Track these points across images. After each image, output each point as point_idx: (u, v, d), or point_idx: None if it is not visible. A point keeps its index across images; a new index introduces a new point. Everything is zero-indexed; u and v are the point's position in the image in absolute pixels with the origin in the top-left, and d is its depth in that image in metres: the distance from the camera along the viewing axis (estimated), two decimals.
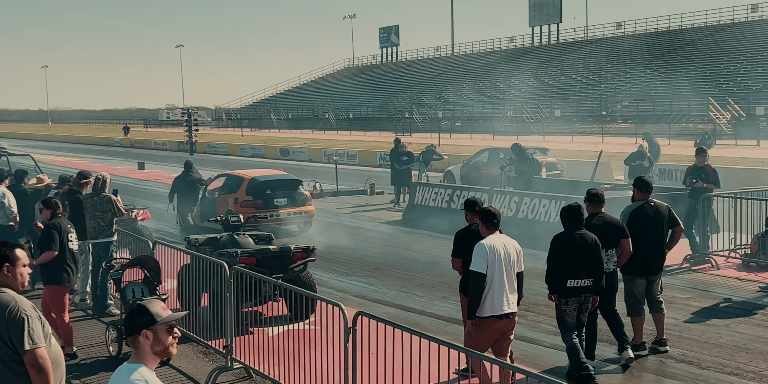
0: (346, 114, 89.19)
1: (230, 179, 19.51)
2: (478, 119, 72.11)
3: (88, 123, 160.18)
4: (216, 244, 11.36)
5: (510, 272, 7.23)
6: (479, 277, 7.10)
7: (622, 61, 74.22)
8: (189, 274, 10.14)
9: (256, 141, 63.59)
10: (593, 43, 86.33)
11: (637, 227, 8.87)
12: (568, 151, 38.39)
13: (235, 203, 18.35)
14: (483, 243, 7.21)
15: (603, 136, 51.97)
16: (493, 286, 7.15)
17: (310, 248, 10.83)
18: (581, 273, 7.93)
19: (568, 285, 7.92)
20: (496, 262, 7.14)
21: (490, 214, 7.37)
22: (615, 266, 8.60)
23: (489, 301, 7.16)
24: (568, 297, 7.95)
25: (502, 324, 7.21)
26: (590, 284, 7.97)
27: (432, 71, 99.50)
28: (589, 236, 8.03)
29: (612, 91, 67.11)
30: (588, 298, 8.03)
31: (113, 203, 11.45)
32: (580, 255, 7.93)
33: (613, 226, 8.55)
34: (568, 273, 7.92)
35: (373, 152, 43.17)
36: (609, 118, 61.60)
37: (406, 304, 11.69)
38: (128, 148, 68.13)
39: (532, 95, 71.86)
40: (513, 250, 7.28)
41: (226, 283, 8.63)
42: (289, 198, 18.42)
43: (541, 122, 62.52)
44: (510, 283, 7.23)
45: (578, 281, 7.92)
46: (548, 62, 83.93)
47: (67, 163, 43.76)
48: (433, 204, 20.35)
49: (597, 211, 8.66)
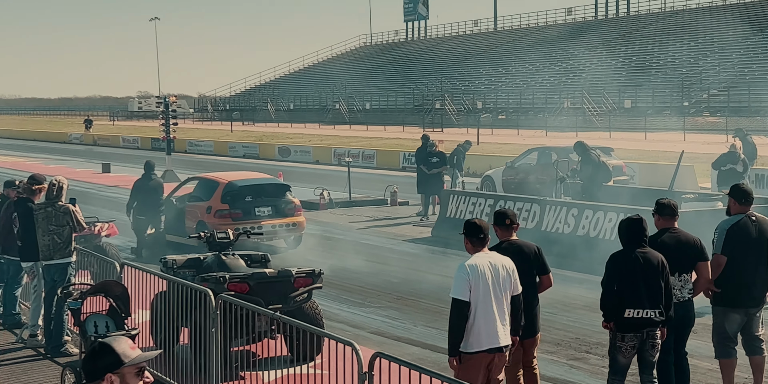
0: (361, 104, 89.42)
1: (202, 184, 19.63)
2: (527, 111, 72.04)
3: (40, 114, 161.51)
4: (199, 267, 11.41)
5: (500, 297, 7.36)
6: (460, 306, 7.22)
7: (709, 39, 73.97)
8: (165, 304, 10.18)
9: (249, 138, 63.89)
10: (673, 15, 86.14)
11: (735, 248, 8.82)
12: (640, 152, 38.27)
13: (207, 213, 18.52)
14: (464, 264, 7.33)
15: (685, 132, 51.77)
16: (478, 315, 7.26)
17: (316, 272, 10.85)
18: (643, 302, 7.91)
19: (626, 315, 7.92)
20: (481, 287, 7.26)
21: (476, 228, 7.49)
22: (690, 295, 8.58)
23: (475, 333, 7.28)
24: (626, 332, 7.96)
25: (492, 359, 7.35)
26: (655, 316, 7.94)
27: (469, 51, 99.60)
28: (655, 256, 8.02)
29: (696, 76, 66.85)
30: (652, 333, 8.00)
31: (71, 215, 11.51)
32: (644, 279, 7.91)
33: (688, 246, 8.54)
34: (627, 301, 7.93)
35: (394, 152, 43.24)
36: (693, 111, 61.35)
37: (434, 343, 11.67)
38: (90, 145, 68.65)
39: (596, 81, 71.65)
40: (503, 270, 7.42)
41: (211, 316, 8.67)
42: (273, 207, 18.66)
43: (607, 115, 62.34)
44: (500, 310, 7.37)
45: (639, 311, 7.91)
46: (615, 40, 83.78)
47: (14, 165, 44.15)
48: (470, 217, 20.31)
49: (669, 225, 8.64)
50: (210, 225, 18.13)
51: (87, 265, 12.35)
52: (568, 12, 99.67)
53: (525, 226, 18.44)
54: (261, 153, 51.77)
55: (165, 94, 36.82)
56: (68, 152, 59.56)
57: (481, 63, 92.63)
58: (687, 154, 23.61)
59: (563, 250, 16.32)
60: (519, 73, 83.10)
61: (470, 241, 7.52)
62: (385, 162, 42.27)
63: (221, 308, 8.74)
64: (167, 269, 11.38)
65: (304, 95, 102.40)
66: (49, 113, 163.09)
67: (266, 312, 8.46)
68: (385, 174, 37.49)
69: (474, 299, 7.24)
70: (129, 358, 3.70)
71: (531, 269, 8.24)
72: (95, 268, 12.17)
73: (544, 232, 17.90)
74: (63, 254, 11.51)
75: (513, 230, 8.31)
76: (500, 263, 7.45)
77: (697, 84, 65.51)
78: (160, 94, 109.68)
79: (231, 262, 11.33)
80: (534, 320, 8.28)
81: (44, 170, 35.01)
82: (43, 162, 48.40)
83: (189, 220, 19.08)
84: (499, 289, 7.36)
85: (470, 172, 35.12)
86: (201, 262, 11.54)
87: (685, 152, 22.38)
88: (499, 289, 7.36)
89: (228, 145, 55.91)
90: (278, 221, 18.54)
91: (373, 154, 44.00)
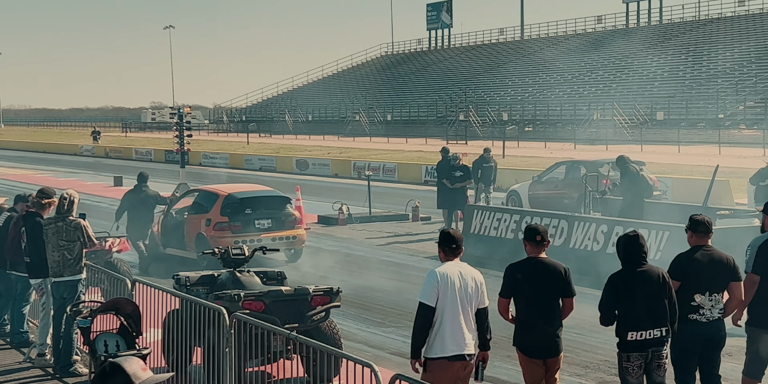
0: (382, 115, 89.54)
1: (202, 196, 19.99)
2: (554, 123, 71.95)
3: (51, 126, 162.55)
4: (213, 284, 11.43)
5: (466, 306, 7.78)
6: (427, 310, 7.70)
7: (745, 49, 73.71)
8: (177, 323, 10.20)
9: (265, 150, 64.05)
10: (707, 24, 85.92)
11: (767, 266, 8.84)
12: (673, 166, 38.11)
13: (207, 225, 18.85)
14: (435, 271, 7.83)
15: (720, 145, 51.52)
16: (444, 322, 7.69)
17: (334, 290, 10.85)
18: (644, 322, 8.00)
19: (629, 338, 8.03)
20: (449, 294, 7.70)
21: (449, 238, 7.99)
22: (720, 314, 8.56)
23: (439, 339, 7.71)
24: (630, 351, 8.04)
25: (456, 367, 7.72)
26: (660, 335, 8.04)
27: (494, 60, 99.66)
28: (655, 272, 8.10)
29: (732, 87, 66.60)
30: (657, 353, 8.07)
31: (82, 230, 11.54)
32: (644, 299, 8.00)
33: (722, 265, 8.55)
34: (628, 323, 8.03)
35: (416, 165, 43.25)
36: (728, 123, 61.07)
37: None
38: (102, 158, 69.01)
39: (627, 92, 71.47)
40: (471, 281, 7.82)
41: (225, 335, 8.68)
42: (273, 219, 19.06)
43: (638, 127, 62.15)
44: (467, 319, 7.79)
45: (642, 333, 8.00)
46: (647, 49, 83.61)
47: (23, 178, 44.43)
48: (495, 233, 20.31)
49: (702, 243, 8.65)
50: (209, 237, 18.53)
51: (97, 282, 12.39)
52: (598, 20, 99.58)
53: (552, 244, 18.30)
54: (278, 166, 51.88)
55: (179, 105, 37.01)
56: (79, 165, 59.88)
57: (507, 73, 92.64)
58: (722, 168, 23.50)
59: (592, 268, 16.26)
60: (546, 83, 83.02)
61: (443, 250, 8.00)
62: (406, 176, 42.27)
63: (235, 327, 8.75)
64: (180, 286, 11.40)
65: (322, 106, 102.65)
66: (60, 124, 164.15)
67: (282, 331, 8.47)
68: (406, 188, 37.49)
69: (441, 306, 7.69)
70: (140, 380, 3.71)
71: (555, 289, 8.28)
72: (106, 285, 12.21)
73: (572, 249, 17.85)
74: (73, 271, 11.51)
75: (543, 247, 8.36)
76: (470, 275, 7.87)
77: (732, 95, 65.24)
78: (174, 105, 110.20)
79: (246, 280, 11.34)
80: (557, 340, 8.30)
81: (54, 183, 35.21)
82: (53, 175, 48.68)
83: (188, 232, 19.38)
84: (466, 299, 7.78)
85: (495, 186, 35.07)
86: (215, 279, 11.56)
87: (720, 166, 22.27)
88: (466, 299, 7.78)
89: (244, 158, 56.06)
90: (278, 234, 18.94)
91: (394, 167, 44.01)
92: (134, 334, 9.51)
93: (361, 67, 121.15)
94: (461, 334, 7.72)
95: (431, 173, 38.53)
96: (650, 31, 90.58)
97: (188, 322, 9.77)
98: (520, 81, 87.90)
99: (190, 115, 34.16)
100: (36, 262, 11.79)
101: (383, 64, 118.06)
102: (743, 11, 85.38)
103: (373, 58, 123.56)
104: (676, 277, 8.35)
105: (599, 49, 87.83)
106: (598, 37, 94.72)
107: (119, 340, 9.49)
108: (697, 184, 27.01)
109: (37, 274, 11.85)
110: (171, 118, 33.95)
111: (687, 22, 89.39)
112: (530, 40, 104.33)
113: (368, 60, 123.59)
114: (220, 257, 11.65)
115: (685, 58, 77.23)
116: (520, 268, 8.27)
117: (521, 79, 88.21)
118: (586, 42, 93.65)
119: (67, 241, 11.49)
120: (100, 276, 12.20)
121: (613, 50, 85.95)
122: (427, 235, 23.64)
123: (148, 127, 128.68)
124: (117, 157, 68.50)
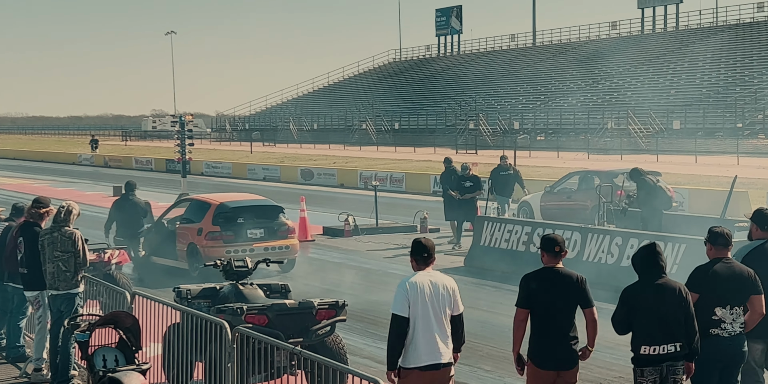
0: (389, 124, 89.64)
1: (194, 205, 20.47)
2: (567, 132, 71.94)
3: (49, 134, 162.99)
4: (215, 297, 11.43)
5: (439, 314, 8.06)
6: (400, 321, 7.99)
7: (765, 55, 73.68)
8: (178, 337, 10.21)
9: (269, 159, 64.14)
10: (725, 30, 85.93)
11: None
12: (690, 177, 38.08)
13: (199, 235, 19.25)
14: (405, 281, 8.11)
15: (738, 156, 51.48)
16: (417, 331, 7.98)
17: (339, 304, 10.85)
18: (657, 337, 8.04)
19: (642, 352, 8.09)
20: (419, 303, 7.99)
21: (421, 247, 8.27)
22: (741, 329, 8.58)
23: (413, 349, 8.00)
24: (644, 366, 8.09)
25: (429, 377, 8.01)
26: (674, 350, 8.06)
27: (505, 67, 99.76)
28: (673, 286, 8.14)
29: (751, 95, 66.58)
30: (673, 368, 8.08)
31: (75, 242, 11.42)
32: (658, 313, 8.04)
33: (742, 278, 8.59)
34: (641, 337, 8.09)
35: (425, 175, 43.25)
36: (747, 132, 61.05)
37: (465, 380, 11.64)
38: (101, 167, 69.14)
39: (642, 100, 71.46)
40: (443, 289, 8.12)
41: (227, 350, 8.68)
42: (266, 229, 19.57)
43: (654, 137, 62.14)
44: (440, 328, 8.06)
45: (655, 348, 8.04)
46: (663, 56, 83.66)
47: (19, 187, 44.51)
48: (506, 245, 20.28)
49: (722, 255, 8.69)
50: (201, 247, 19.00)
51: (96, 295, 12.40)
52: (613, 26, 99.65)
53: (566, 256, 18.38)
54: (282, 176, 51.93)
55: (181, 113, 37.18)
56: (77, 174, 60.00)
57: (518, 80, 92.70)
58: (741, 179, 23.48)
59: (606, 281, 16.23)
60: (559, 91, 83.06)
61: (415, 259, 8.30)
62: (414, 186, 42.27)
63: (238, 341, 8.74)
64: (181, 300, 11.40)
65: (328, 114, 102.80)
66: (58, 132, 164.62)
67: (286, 346, 8.47)
68: (414, 199, 37.50)
69: (413, 315, 7.98)
70: None
71: (571, 300, 8.31)
72: (104, 298, 12.22)
73: (585, 262, 17.82)
74: (69, 284, 11.39)
75: (560, 258, 8.43)
76: (441, 282, 8.16)
77: (751, 104, 65.22)
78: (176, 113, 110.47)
79: (249, 293, 11.34)
80: (572, 352, 8.33)
81: (52, 193, 35.30)
82: (51, 184, 48.80)
83: (180, 242, 19.80)
84: (438, 307, 8.06)
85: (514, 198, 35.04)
86: (217, 292, 11.57)
87: (738, 177, 22.27)
88: (439, 307, 8.06)
89: (247, 167, 56.13)
90: (270, 243, 19.46)
91: (401, 177, 44.02)
92: (134, 348, 9.52)
93: (368, 74, 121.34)
94: (435, 343, 8.00)
95: (440, 183, 38.54)
96: (666, 37, 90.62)
97: (189, 336, 9.78)
98: (532, 88, 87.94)
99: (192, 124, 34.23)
100: (32, 274, 11.76)
101: (391, 71, 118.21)
102: (762, 17, 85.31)
103: (381, 65, 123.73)
104: (694, 289, 8.36)
105: (614, 56, 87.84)
106: (613, 43, 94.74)
107: (118, 354, 9.50)
108: (715, 195, 26.96)
109: (33, 286, 11.82)
110: (172, 126, 34.03)
111: (704, 29, 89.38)
112: (542, 47, 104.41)
113: (375, 67, 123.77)
114: (222, 269, 11.66)
115: (702, 65, 77.22)
116: (535, 278, 8.34)
117: (533, 87, 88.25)
118: (600, 49, 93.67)
119: (62, 252, 11.38)
120: (99, 288, 12.21)
121: (627, 57, 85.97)
122: (436, 248, 23.56)
123: (149, 136, 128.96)
124: (117, 166, 68.63)
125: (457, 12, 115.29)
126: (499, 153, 61.12)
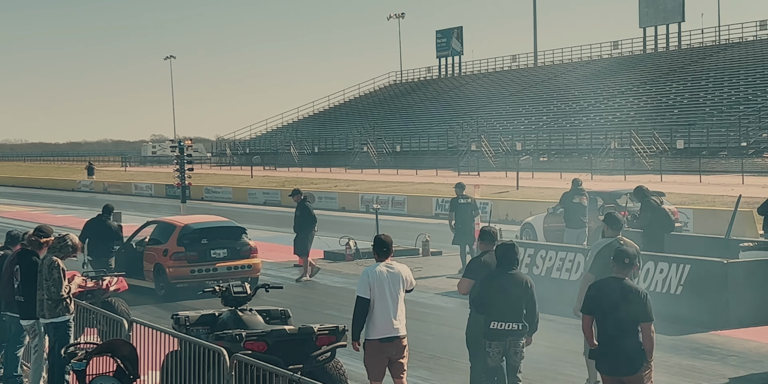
0: (391, 146, 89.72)
1: (160, 227, 21.61)
2: (570, 153, 71.97)
3: (47, 160, 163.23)
4: (213, 324, 11.42)
5: (395, 296, 10.24)
6: (362, 302, 10.17)
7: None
8: (177, 365, 10.18)
9: (270, 183, 64.19)
10: (728, 48, 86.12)
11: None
12: (694, 196, 38.07)
13: (164, 256, 20.25)
14: (367, 270, 10.33)
15: (743, 175, 51.48)
16: (376, 310, 10.13)
17: (339, 329, 10.84)
18: (506, 316, 10.30)
19: (491, 327, 10.35)
20: (377, 288, 10.14)
21: (382, 243, 10.49)
22: None
23: (372, 324, 10.17)
24: (492, 340, 10.38)
25: (386, 347, 10.16)
26: (517, 328, 10.32)
27: (507, 88, 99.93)
28: (521, 277, 10.48)
29: (755, 113, 66.64)
30: (515, 341, 10.38)
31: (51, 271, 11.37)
32: (507, 297, 10.28)
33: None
34: (493, 315, 10.34)
35: (427, 198, 43.27)
36: (751, 151, 61.05)
37: None
38: (100, 193, 69.17)
39: (645, 120, 71.53)
40: (398, 274, 10.33)
41: (226, 377, 8.65)
42: (228, 249, 20.56)
43: (658, 157, 62.15)
44: (395, 306, 10.23)
45: (502, 324, 10.32)
46: (666, 75, 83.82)
47: (18, 215, 44.54)
48: None
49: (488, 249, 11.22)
50: (167, 267, 20.00)
51: (93, 323, 12.37)
52: (614, 45, 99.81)
53: (569, 278, 18.36)
54: (283, 200, 51.83)
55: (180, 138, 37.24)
56: (76, 200, 59.98)
57: (520, 101, 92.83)
58: (746, 198, 23.45)
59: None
60: (561, 112, 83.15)
61: (376, 252, 10.49)
62: (416, 209, 42.27)
63: (236, 369, 8.73)
64: (179, 327, 11.40)
65: (329, 137, 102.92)
66: (57, 159, 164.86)
67: (285, 373, 8.45)
68: (416, 221, 37.45)
69: (373, 297, 10.14)
70: None
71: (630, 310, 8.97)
72: (102, 326, 12.19)
73: None
74: (53, 313, 11.41)
75: (629, 270, 9.30)
76: (397, 270, 10.41)
77: (755, 122, 65.27)
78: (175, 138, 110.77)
79: (248, 319, 11.34)
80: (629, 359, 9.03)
81: (50, 220, 35.34)
82: (50, 211, 48.82)
83: (147, 262, 20.75)
84: (394, 290, 10.27)
85: (508, 219, 35.07)
86: (216, 318, 11.56)
87: (743, 196, 22.25)
88: (395, 290, 10.27)
89: (248, 192, 56.17)
90: (233, 263, 20.45)
91: (403, 200, 44.03)
92: (131, 377, 9.51)
93: (369, 96, 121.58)
94: (389, 319, 10.16)
95: (442, 206, 38.51)
96: (669, 56, 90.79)
97: (188, 363, 9.76)
98: (534, 109, 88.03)
99: (192, 148, 34.29)
100: (28, 302, 11.76)
101: (392, 93, 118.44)
102: (765, 35, 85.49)
103: (381, 87, 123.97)
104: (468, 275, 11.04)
105: (616, 76, 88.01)
106: (615, 63, 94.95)
107: (115, 383, 9.48)
108: (720, 215, 26.98)
109: (30, 314, 11.82)
110: (172, 151, 34.07)
111: (707, 47, 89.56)
112: (544, 67, 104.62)
113: (376, 89, 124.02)
114: (221, 295, 11.65)
115: (705, 84, 77.35)
116: (599, 286, 9.25)
117: (535, 108, 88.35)
118: (602, 68, 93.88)
119: (45, 280, 11.46)
120: (96, 316, 12.18)
121: (630, 76, 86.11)
122: (438, 271, 23.55)
123: (149, 161, 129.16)
124: (116, 192, 68.68)
125: (457, 33, 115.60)
126: (501, 174, 61.01)
